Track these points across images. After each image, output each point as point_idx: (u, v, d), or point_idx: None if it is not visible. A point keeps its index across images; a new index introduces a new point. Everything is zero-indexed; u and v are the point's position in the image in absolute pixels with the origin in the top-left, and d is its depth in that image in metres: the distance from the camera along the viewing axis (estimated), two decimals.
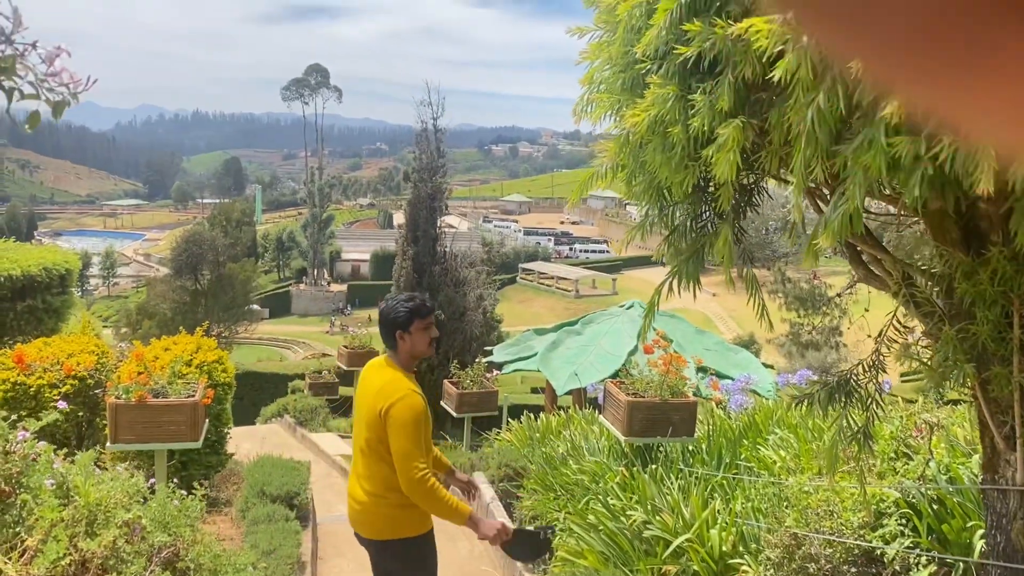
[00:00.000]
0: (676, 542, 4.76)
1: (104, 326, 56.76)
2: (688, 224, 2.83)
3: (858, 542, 3.89)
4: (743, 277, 3.00)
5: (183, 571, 3.88)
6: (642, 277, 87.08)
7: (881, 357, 2.87)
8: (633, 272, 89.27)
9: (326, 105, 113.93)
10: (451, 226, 21.74)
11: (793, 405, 3.30)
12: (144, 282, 65.18)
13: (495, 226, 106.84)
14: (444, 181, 19.20)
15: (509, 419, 12.17)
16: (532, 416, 9.59)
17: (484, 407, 10.76)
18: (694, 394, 6.66)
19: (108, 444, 5.75)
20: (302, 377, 19.10)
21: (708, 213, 2.76)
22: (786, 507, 5.05)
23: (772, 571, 4.25)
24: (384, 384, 3.57)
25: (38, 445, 3.02)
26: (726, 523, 4.89)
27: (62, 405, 3.92)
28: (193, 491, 7.15)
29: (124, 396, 5.76)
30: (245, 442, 14.71)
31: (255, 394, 20.66)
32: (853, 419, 3.00)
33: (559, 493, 6.59)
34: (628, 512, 5.15)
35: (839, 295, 23.06)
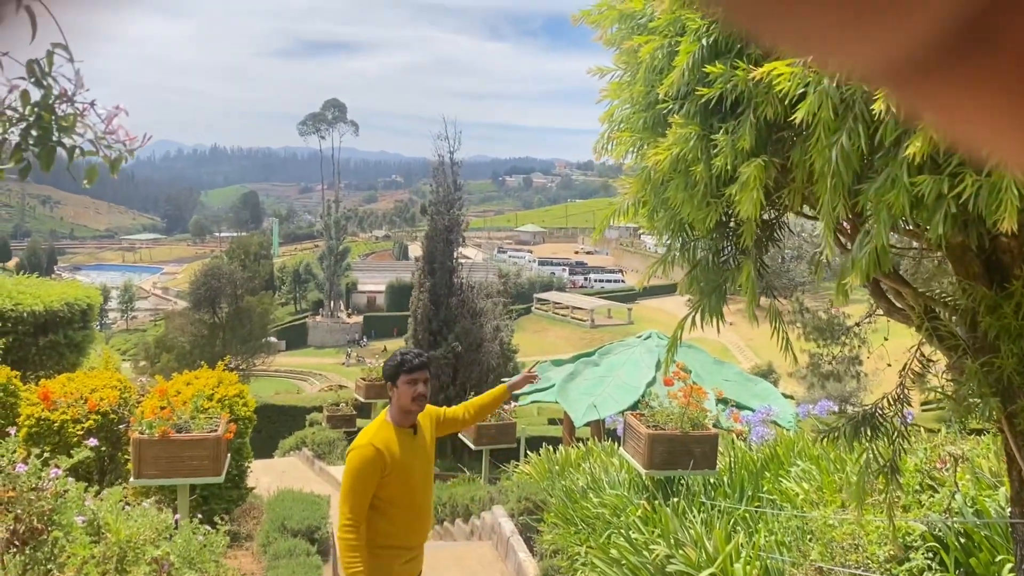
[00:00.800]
0: None
1: (122, 359, 57.05)
2: (710, 259, 2.85)
3: None
4: (764, 309, 3.02)
5: None
6: (658, 306, 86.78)
7: (906, 390, 2.86)
8: (649, 301, 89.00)
9: (342, 139, 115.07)
10: (466, 257, 21.83)
11: (819, 439, 3.28)
12: (162, 315, 65.65)
13: (510, 256, 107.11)
14: (460, 214, 19.33)
15: (527, 451, 12.13)
16: (551, 448, 9.56)
17: (502, 439, 10.75)
18: (714, 426, 6.64)
19: (132, 479, 5.78)
20: (319, 409, 19.12)
21: (730, 248, 2.79)
22: (810, 540, 5.01)
23: None
24: (362, 431, 3.76)
25: (68, 482, 3.06)
26: (750, 557, 4.86)
27: (92, 443, 3.95)
28: (215, 525, 7.18)
29: (147, 431, 5.81)
30: (264, 476, 14.71)
31: (273, 427, 20.66)
32: (879, 452, 2.99)
33: (580, 527, 6.55)
34: (651, 546, 5.11)
35: (858, 324, 22.92)
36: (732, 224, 2.72)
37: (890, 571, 4.00)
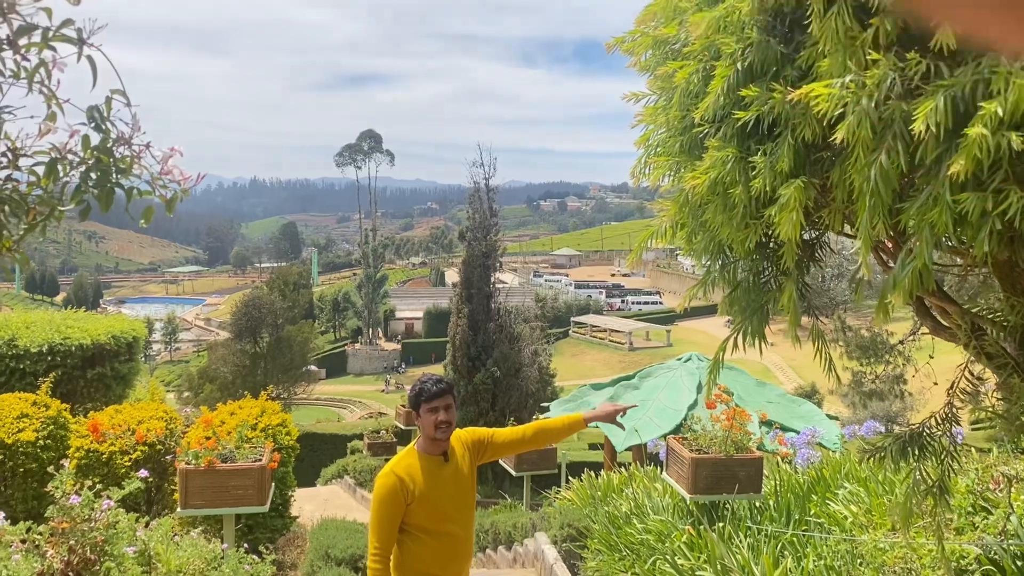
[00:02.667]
0: None
1: (167, 391, 57.91)
2: (751, 280, 2.84)
3: None
4: (807, 329, 2.99)
5: None
6: (697, 328, 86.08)
7: (954, 409, 2.81)
8: (688, 323, 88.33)
9: (378, 168, 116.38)
10: (503, 282, 21.89)
11: (864, 459, 3.23)
12: (205, 346, 66.60)
13: (546, 281, 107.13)
14: (497, 239, 19.42)
15: (568, 477, 12.05)
16: (592, 473, 9.49)
17: (543, 465, 10.70)
18: (759, 448, 6.55)
19: (179, 509, 5.85)
20: (360, 437, 19.22)
21: (771, 269, 2.77)
22: (860, 564, 4.91)
23: None
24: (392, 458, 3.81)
25: (119, 513, 3.11)
26: None
27: (143, 474, 4.01)
28: (261, 555, 7.23)
29: (193, 462, 5.88)
30: (307, 504, 14.79)
31: (314, 455, 20.80)
32: (927, 473, 2.93)
33: (624, 553, 6.48)
34: (697, 572, 5.05)
35: (902, 342, 22.50)
36: (772, 245, 2.70)
37: None
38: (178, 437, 7.78)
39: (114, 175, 1.58)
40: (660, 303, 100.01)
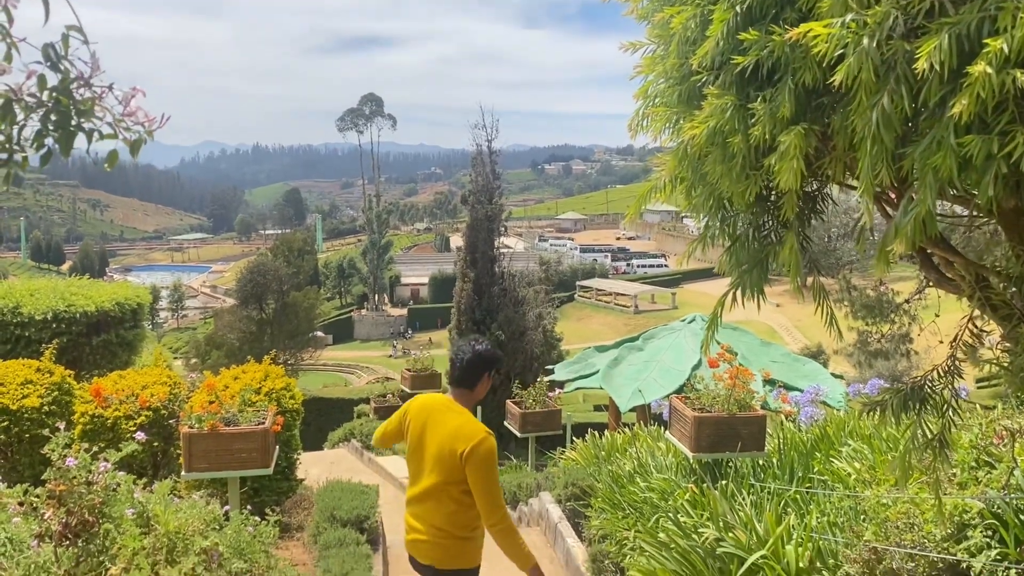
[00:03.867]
0: (751, 559, 4.65)
1: (174, 357, 58.30)
2: (750, 234, 2.79)
3: (943, 555, 3.75)
4: (809, 287, 2.95)
5: None
6: (702, 290, 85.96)
7: (957, 362, 2.78)
8: (693, 285, 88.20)
9: (381, 133, 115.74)
10: (507, 247, 21.82)
11: (864, 413, 3.21)
12: (211, 313, 66.83)
13: (551, 245, 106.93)
14: (501, 203, 19.32)
15: (573, 438, 12.10)
16: (596, 434, 9.51)
17: (548, 426, 10.72)
18: (762, 407, 6.53)
19: (183, 473, 5.88)
20: (367, 401, 19.31)
21: (771, 222, 2.72)
22: (864, 520, 4.91)
23: None
24: (459, 426, 3.70)
25: (118, 475, 3.10)
26: (802, 539, 4.77)
27: (140, 436, 4.02)
28: (266, 517, 7.27)
29: (197, 425, 5.89)
30: (314, 467, 14.89)
31: (322, 419, 20.93)
32: (928, 427, 2.90)
33: (627, 511, 6.50)
34: (699, 529, 5.05)
35: (907, 301, 22.43)
36: (772, 197, 2.65)
37: (947, 550, 3.90)
38: (182, 402, 7.79)
39: (74, 117, 1.53)
40: (665, 266, 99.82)
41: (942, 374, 2.82)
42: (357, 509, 7.00)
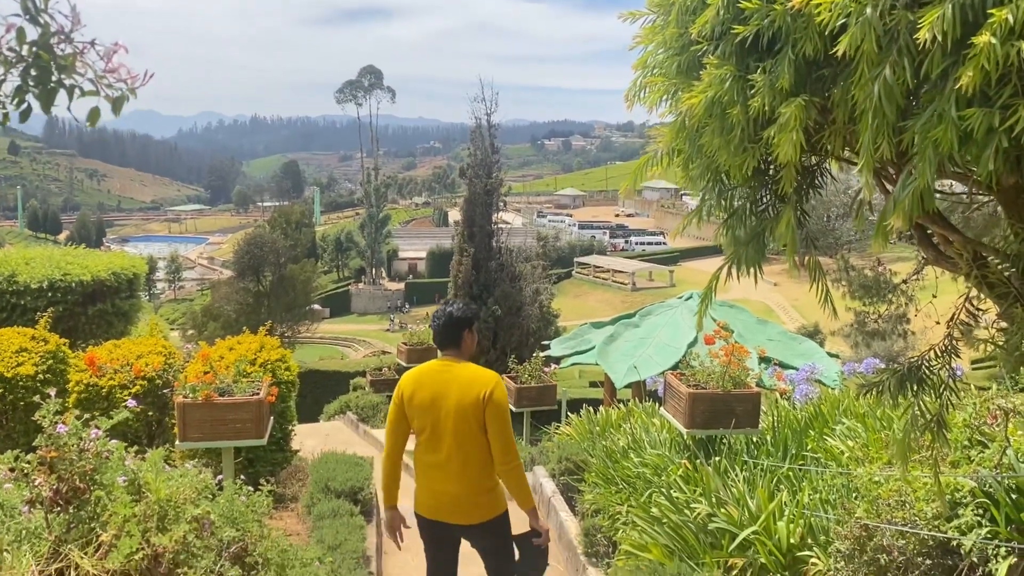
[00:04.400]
0: (742, 535, 4.68)
1: (171, 328, 58.30)
2: (747, 208, 2.76)
3: (933, 533, 3.77)
4: (806, 265, 2.93)
5: (251, 566, 3.94)
6: (700, 268, 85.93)
7: (954, 342, 2.76)
8: (691, 263, 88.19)
9: (380, 106, 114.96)
10: (505, 222, 21.73)
11: (861, 393, 3.20)
12: (208, 285, 66.80)
13: (549, 221, 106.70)
14: (499, 176, 19.20)
15: (568, 413, 12.13)
16: (591, 410, 9.54)
17: (543, 401, 10.75)
18: (757, 384, 6.54)
19: (177, 442, 5.89)
20: (363, 375, 19.34)
21: (768, 197, 2.70)
22: (856, 498, 4.93)
23: (842, 564, 4.14)
24: (473, 375, 3.84)
25: (110, 443, 3.10)
26: (794, 515, 4.80)
27: (132, 404, 4.02)
28: (260, 487, 7.29)
29: (191, 395, 5.89)
30: (309, 439, 14.94)
31: (318, 392, 20.98)
32: (925, 407, 2.90)
33: (621, 486, 6.53)
34: (692, 505, 5.08)
35: (905, 282, 22.42)
36: (771, 171, 2.62)
37: (938, 528, 3.91)
38: (177, 372, 7.79)
39: (55, 73, 1.50)
40: (664, 243, 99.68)
41: (939, 354, 2.80)
42: (351, 481, 7.03)
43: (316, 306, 62.64)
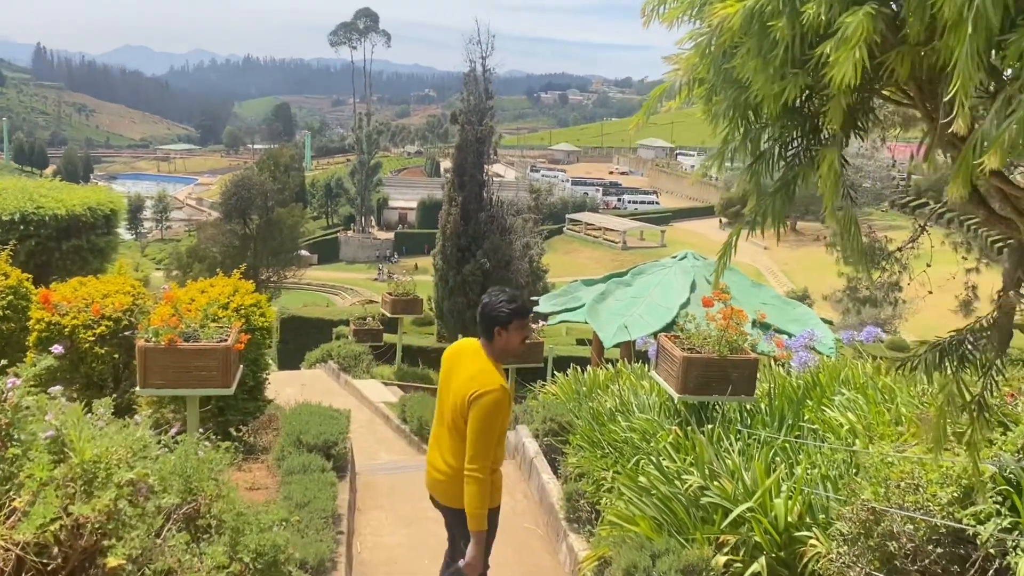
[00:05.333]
0: (736, 511, 4.37)
1: (157, 269, 57.88)
2: (776, 151, 2.37)
3: (948, 522, 3.46)
4: (799, 230, 2.54)
5: (203, 529, 3.60)
6: (692, 229, 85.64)
7: (1006, 316, 2.40)
8: (683, 224, 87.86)
9: (375, 50, 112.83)
10: (498, 175, 21.18)
11: (895, 368, 2.86)
12: (196, 226, 66.06)
13: (543, 175, 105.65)
14: (492, 124, 18.58)
15: (555, 371, 11.82)
16: (579, 369, 9.21)
17: (529, 359, 10.44)
18: (754, 350, 6.20)
19: (137, 388, 5.52)
20: (346, 323, 18.97)
21: (803, 138, 2.31)
22: (856, 474, 4.63)
23: (845, 548, 3.84)
24: (478, 372, 3.77)
25: (24, 392, 2.70)
26: (792, 491, 4.49)
27: (58, 350, 3.66)
28: (231, 437, 6.96)
29: (154, 339, 5.51)
30: (288, 387, 14.61)
31: (300, 339, 20.61)
32: (965, 386, 2.55)
33: (607, 451, 6.23)
34: (683, 476, 4.76)
35: (900, 250, 22.13)
36: (808, 108, 2.23)
37: (952, 515, 3.61)
38: (146, 313, 7.40)
39: None
40: (657, 203, 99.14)
41: (984, 328, 2.45)
42: (325, 434, 6.69)
43: (304, 252, 62.04)
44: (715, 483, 4.65)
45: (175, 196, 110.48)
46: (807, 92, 2.09)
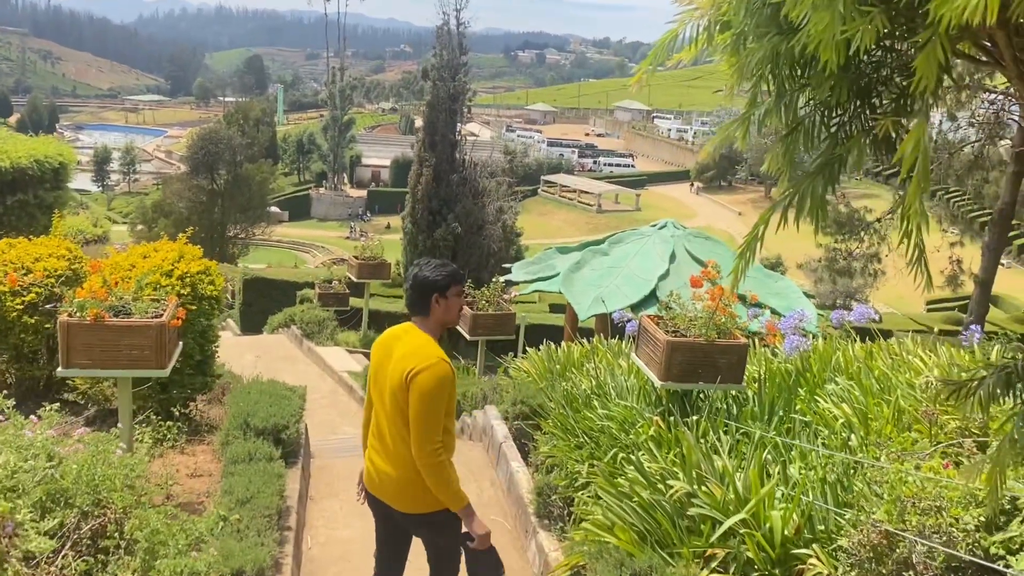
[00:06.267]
0: (727, 523, 3.90)
1: (124, 222, 56.55)
2: (818, 120, 1.83)
3: (977, 560, 3.00)
4: (772, 197, 2.01)
5: (106, 551, 3.05)
6: (667, 194, 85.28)
7: None
8: (657, 188, 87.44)
9: (349, 3, 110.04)
10: (472, 134, 20.40)
11: (946, 396, 2.37)
12: (163, 180, 64.59)
13: (518, 136, 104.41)
14: (465, 81, 17.74)
15: (526, 345, 11.31)
16: (552, 345, 8.71)
17: (500, 330, 9.91)
18: (745, 334, 5.70)
19: (59, 369, 4.91)
20: (312, 286, 18.31)
21: (857, 103, 1.77)
22: (854, 474, 4.18)
23: (854, 573, 3.38)
24: (414, 349, 3.43)
25: None
26: (788, 498, 4.02)
27: None
28: (173, 416, 6.36)
29: (78, 313, 4.90)
30: (249, 352, 13.99)
31: (263, 301, 19.91)
32: None
33: (581, 439, 5.73)
34: (668, 481, 4.27)
35: (879, 220, 21.80)
36: (871, 62, 1.68)
37: (978, 542, 3.15)
38: (84, 279, 6.76)
39: None
40: (632, 166, 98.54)
41: None
42: (275, 417, 6.13)
43: (274, 208, 60.89)
44: (703, 488, 4.17)
45: (143, 148, 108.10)
46: (880, 39, 1.55)
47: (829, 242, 21.84)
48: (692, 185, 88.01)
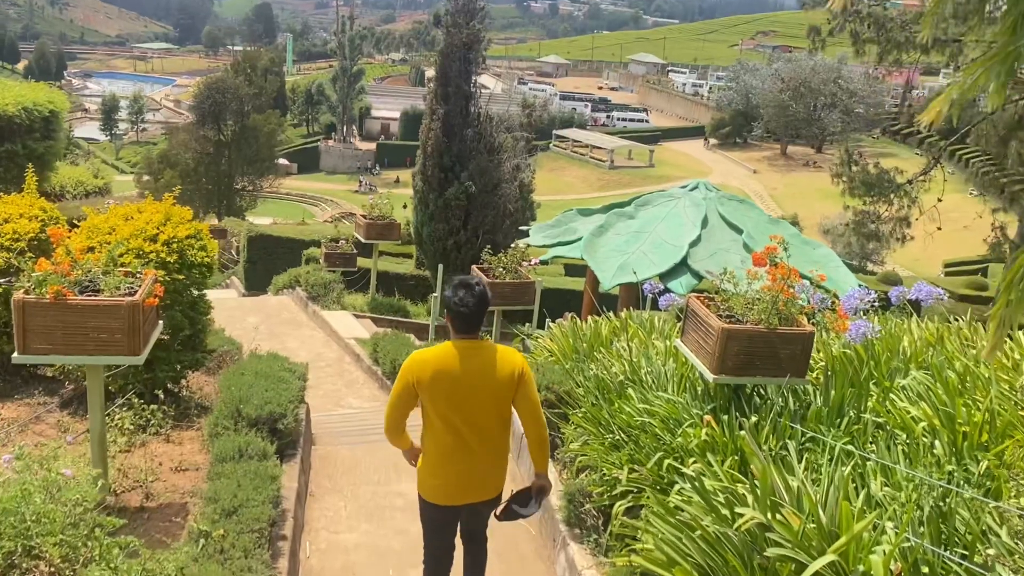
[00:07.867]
0: (814, 566, 3.17)
1: (131, 172, 55.70)
2: None
3: None
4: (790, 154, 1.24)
5: None
6: (680, 149, 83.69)
7: None
8: (672, 144, 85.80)
9: None
10: (485, 87, 19.37)
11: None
12: (169, 130, 63.63)
13: (530, 89, 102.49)
14: (482, 27, 16.66)
15: (546, 316, 10.56)
16: (575, 319, 7.97)
17: (518, 300, 9.16)
18: (810, 319, 4.94)
19: (15, 354, 4.20)
20: (318, 244, 17.54)
21: None
22: (958, 506, 3.46)
23: None
24: (500, 352, 3.80)
25: None
26: (882, 535, 3.30)
27: None
28: (158, 398, 5.67)
29: (36, 290, 4.17)
30: (252, 315, 13.30)
31: (269, 259, 19.17)
32: None
33: (618, 438, 5.02)
34: (735, 508, 3.54)
35: (910, 182, 20.82)
36: None
37: None
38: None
39: None
40: (647, 121, 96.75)
41: None
42: (271, 404, 5.43)
43: (282, 160, 59.87)
44: (777, 517, 3.45)
45: (152, 97, 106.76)
46: None
47: (857, 204, 20.89)
48: (706, 141, 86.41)
